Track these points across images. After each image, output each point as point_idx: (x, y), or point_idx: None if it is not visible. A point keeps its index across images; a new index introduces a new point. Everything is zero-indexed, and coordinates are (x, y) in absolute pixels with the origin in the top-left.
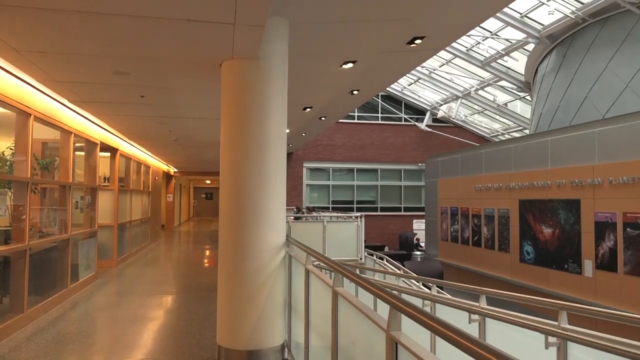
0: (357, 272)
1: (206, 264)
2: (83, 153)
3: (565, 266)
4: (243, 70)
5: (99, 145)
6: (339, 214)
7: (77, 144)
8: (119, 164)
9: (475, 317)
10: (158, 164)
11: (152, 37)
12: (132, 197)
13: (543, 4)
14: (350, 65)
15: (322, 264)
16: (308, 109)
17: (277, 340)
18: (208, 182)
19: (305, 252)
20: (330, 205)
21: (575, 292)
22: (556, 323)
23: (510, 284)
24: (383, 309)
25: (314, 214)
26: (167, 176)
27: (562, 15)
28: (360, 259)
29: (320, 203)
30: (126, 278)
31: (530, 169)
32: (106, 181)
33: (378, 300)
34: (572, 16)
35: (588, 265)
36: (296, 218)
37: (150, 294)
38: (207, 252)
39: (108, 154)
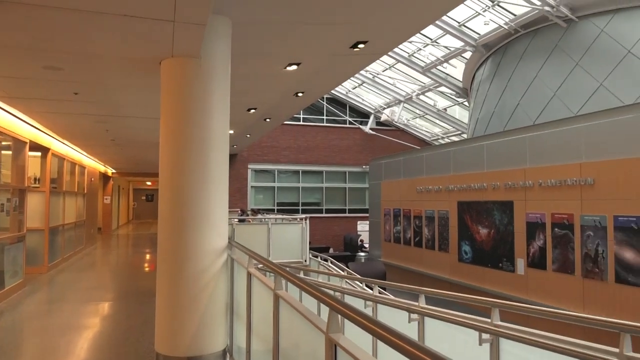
0: (301, 274)
1: (146, 268)
2: (10, 152)
3: (500, 265)
4: (184, 69)
5: (28, 144)
6: (284, 216)
7: (3, 143)
8: (50, 164)
9: (415, 316)
10: (94, 164)
11: (87, 32)
12: (65, 199)
13: (479, 14)
14: (294, 67)
15: (264, 266)
16: (252, 110)
17: (218, 346)
18: (149, 183)
19: (247, 255)
20: (276, 207)
21: (509, 289)
22: (489, 320)
23: (450, 282)
24: (327, 312)
25: (259, 216)
26: (105, 177)
27: (497, 25)
28: (305, 260)
29: (266, 205)
30: (58, 285)
31: (468, 172)
32: (36, 182)
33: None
34: (506, 27)
35: (520, 264)
36: (240, 220)
37: (84, 300)
38: (147, 256)
39: (39, 154)
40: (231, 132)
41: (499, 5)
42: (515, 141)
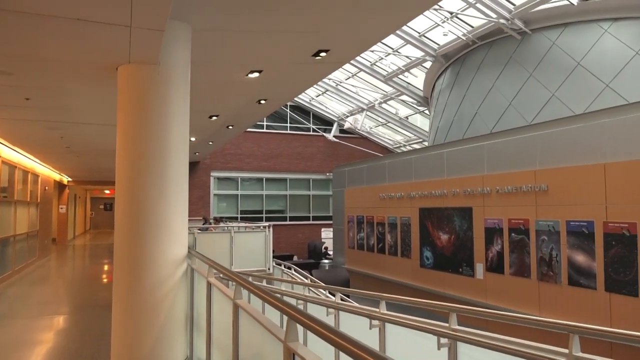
0: (264, 282)
1: (104, 280)
2: None
3: (460, 270)
4: (141, 75)
5: None
6: (248, 224)
7: None
8: (0, 172)
9: (376, 322)
10: (49, 172)
11: (38, 36)
12: (17, 208)
13: (438, 25)
14: (256, 74)
15: (225, 275)
16: (214, 117)
17: (178, 358)
18: (107, 192)
19: (207, 265)
20: (239, 215)
21: (469, 293)
22: (447, 325)
23: (412, 288)
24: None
25: (222, 224)
26: (60, 186)
27: (455, 36)
28: (269, 269)
29: (229, 213)
30: (8, 299)
31: (429, 179)
32: None
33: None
34: (464, 38)
35: (479, 268)
36: (203, 229)
37: (37, 315)
38: (105, 267)
39: None
40: (192, 139)
41: (457, 17)
42: (473, 149)
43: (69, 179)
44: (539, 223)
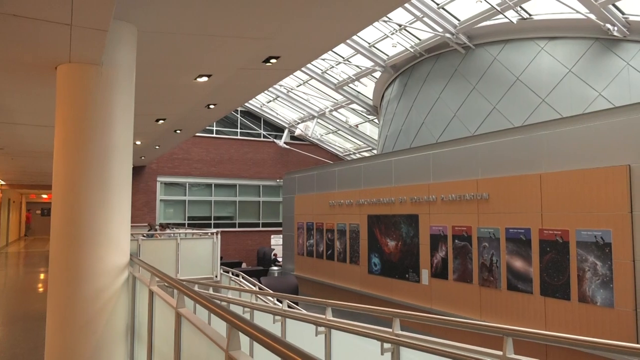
0: (211, 290)
1: (38, 290)
2: None
3: (407, 276)
4: (83, 75)
5: None
6: (195, 231)
7: None
8: None
9: (322, 329)
10: None
11: None
12: None
13: (388, 36)
14: (205, 78)
15: (168, 284)
16: (161, 121)
17: None
18: (45, 196)
19: (150, 272)
20: (186, 222)
21: (414, 299)
22: (391, 330)
23: (360, 294)
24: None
25: (168, 230)
26: None
27: (404, 48)
28: (216, 276)
29: (176, 219)
30: None
31: (377, 187)
32: None
33: None
34: (412, 50)
35: (425, 274)
36: (148, 235)
37: None
38: (41, 276)
39: None
40: (138, 143)
41: (405, 30)
42: (420, 158)
43: (2, 183)
44: (480, 230)
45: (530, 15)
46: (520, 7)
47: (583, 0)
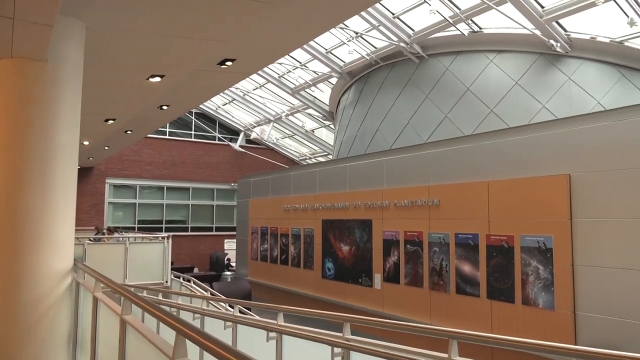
0: (160, 296)
1: None
2: None
3: (360, 280)
4: (26, 71)
5: None
6: (145, 235)
7: None
8: None
9: (273, 334)
10: None
11: None
12: None
13: (344, 43)
14: (157, 79)
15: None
16: (111, 121)
17: None
18: None
19: (94, 278)
20: (136, 225)
21: (367, 303)
22: (341, 334)
23: (314, 299)
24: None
25: (116, 234)
26: None
27: (360, 55)
28: (166, 282)
29: (126, 223)
30: None
31: (332, 192)
32: None
33: None
34: (368, 58)
35: (377, 279)
36: (95, 240)
37: None
38: None
39: None
40: (85, 143)
41: (362, 37)
42: (374, 164)
43: None
44: (431, 235)
45: (480, 28)
46: (471, 20)
47: (529, 16)
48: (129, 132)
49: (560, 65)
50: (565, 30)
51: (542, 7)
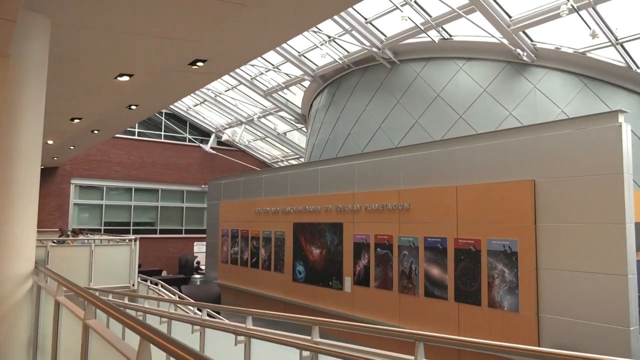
0: (126, 300)
1: None
2: None
3: (330, 283)
4: None
5: None
6: (111, 237)
7: None
8: None
9: (241, 338)
10: None
11: None
12: None
13: (317, 47)
14: (126, 78)
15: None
16: (77, 120)
17: None
18: None
19: (56, 281)
20: (103, 227)
21: (338, 306)
22: (310, 338)
23: (284, 302)
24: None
25: (82, 237)
26: None
27: (333, 59)
28: (133, 285)
29: (92, 225)
30: None
31: (304, 195)
32: None
33: None
34: (340, 62)
35: (348, 282)
36: (58, 242)
37: None
38: None
39: None
40: (50, 142)
41: (334, 41)
42: (345, 167)
43: None
44: (401, 239)
45: (450, 36)
46: (442, 27)
47: (497, 25)
48: (95, 131)
49: (527, 74)
50: (531, 40)
51: (510, 17)
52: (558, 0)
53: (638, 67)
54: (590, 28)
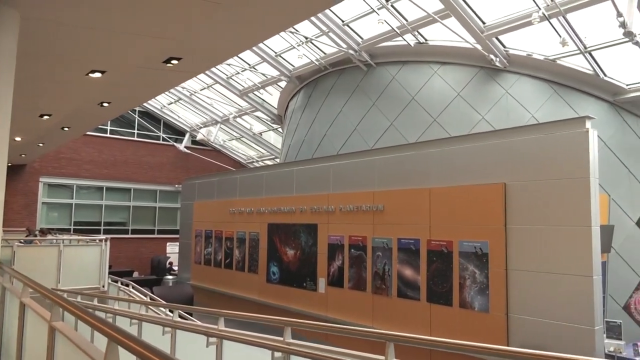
0: (95, 301)
1: None
2: None
3: (304, 284)
4: None
5: None
6: (81, 237)
7: None
8: None
9: (213, 339)
10: None
11: None
12: None
13: (294, 47)
14: (98, 74)
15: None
16: (46, 117)
17: None
18: None
19: (22, 282)
20: (73, 227)
21: (312, 307)
22: (282, 339)
23: (258, 303)
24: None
25: (50, 236)
26: None
27: (309, 60)
28: (103, 286)
29: (61, 224)
30: None
31: (279, 195)
32: None
33: None
34: (317, 63)
35: (322, 283)
36: (26, 242)
37: None
38: None
39: None
40: (17, 139)
41: (311, 43)
42: (321, 168)
43: None
44: (375, 240)
45: (426, 40)
46: (418, 32)
47: (471, 31)
48: (66, 128)
49: (499, 79)
50: (504, 46)
51: (484, 22)
52: (530, 7)
53: (605, 75)
54: (560, 36)
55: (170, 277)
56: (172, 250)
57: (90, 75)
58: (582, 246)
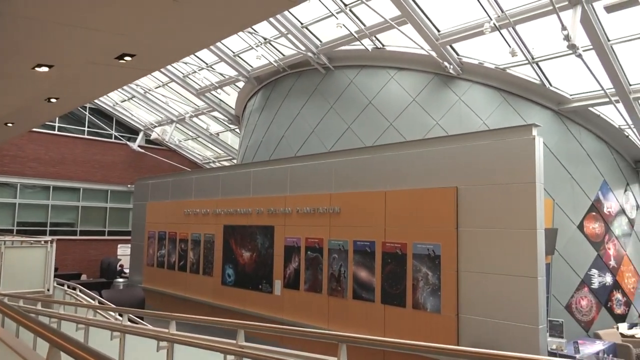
0: (39, 306)
1: None
2: None
3: (260, 287)
4: None
5: None
6: (25, 238)
7: None
8: None
9: (164, 344)
10: None
11: None
12: None
13: (253, 48)
14: (45, 69)
15: None
16: None
17: None
18: None
19: None
20: (16, 228)
21: (267, 310)
22: (235, 342)
23: (213, 306)
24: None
25: None
26: None
27: (268, 62)
28: (48, 290)
29: (3, 225)
30: None
31: (235, 197)
32: None
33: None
34: (275, 64)
35: (278, 285)
36: None
37: None
38: None
39: None
40: None
41: (270, 44)
42: (278, 170)
43: None
44: (331, 242)
45: (383, 45)
46: (375, 37)
47: (426, 38)
48: (9, 124)
49: (453, 86)
50: (457, 54)
51: (439, 30)
52: (482, 18)
53: (551, 85)
54: (510, 46)
55: (120, 280)
56: (124, 252)
57: (37, 69)
58: (527, 248)
